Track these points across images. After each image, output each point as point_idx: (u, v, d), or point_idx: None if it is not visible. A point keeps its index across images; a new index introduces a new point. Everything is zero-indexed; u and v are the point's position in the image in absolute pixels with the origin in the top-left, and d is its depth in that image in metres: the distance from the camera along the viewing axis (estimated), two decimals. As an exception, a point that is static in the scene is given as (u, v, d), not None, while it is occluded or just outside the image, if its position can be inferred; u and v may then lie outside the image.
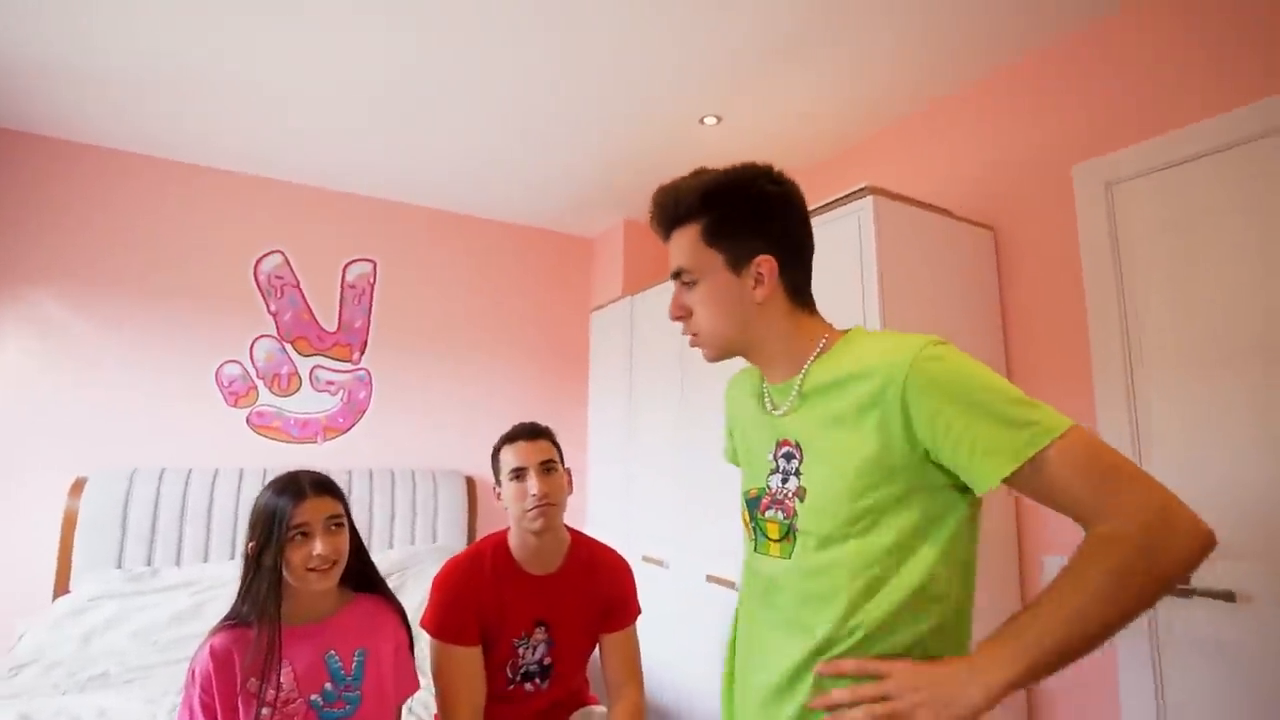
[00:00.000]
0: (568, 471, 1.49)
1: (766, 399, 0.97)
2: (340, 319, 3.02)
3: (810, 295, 0.96)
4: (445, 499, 2.94)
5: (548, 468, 1.43)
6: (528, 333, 3.43)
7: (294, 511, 1.18)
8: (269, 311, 2.89)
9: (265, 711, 1.14)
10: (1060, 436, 0.74)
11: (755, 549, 0.95)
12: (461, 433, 3.19)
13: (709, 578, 2.22)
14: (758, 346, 0.94)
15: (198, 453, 2.68)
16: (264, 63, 2.10)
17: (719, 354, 0.97)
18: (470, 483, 3.08)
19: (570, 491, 1.49)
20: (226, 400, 2.77)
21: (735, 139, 2.51)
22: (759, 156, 1.00)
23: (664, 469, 2.57)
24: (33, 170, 2.55)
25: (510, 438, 1.48)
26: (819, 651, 0.84)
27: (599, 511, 3.11)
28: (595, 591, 1.51)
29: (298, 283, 2.96)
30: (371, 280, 3.11)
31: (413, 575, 2.61)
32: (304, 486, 1.21)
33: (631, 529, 2.77)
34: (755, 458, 0.98)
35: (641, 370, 2.83)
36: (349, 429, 2.97)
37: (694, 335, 0.97)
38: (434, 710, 1.69)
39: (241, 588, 1.19)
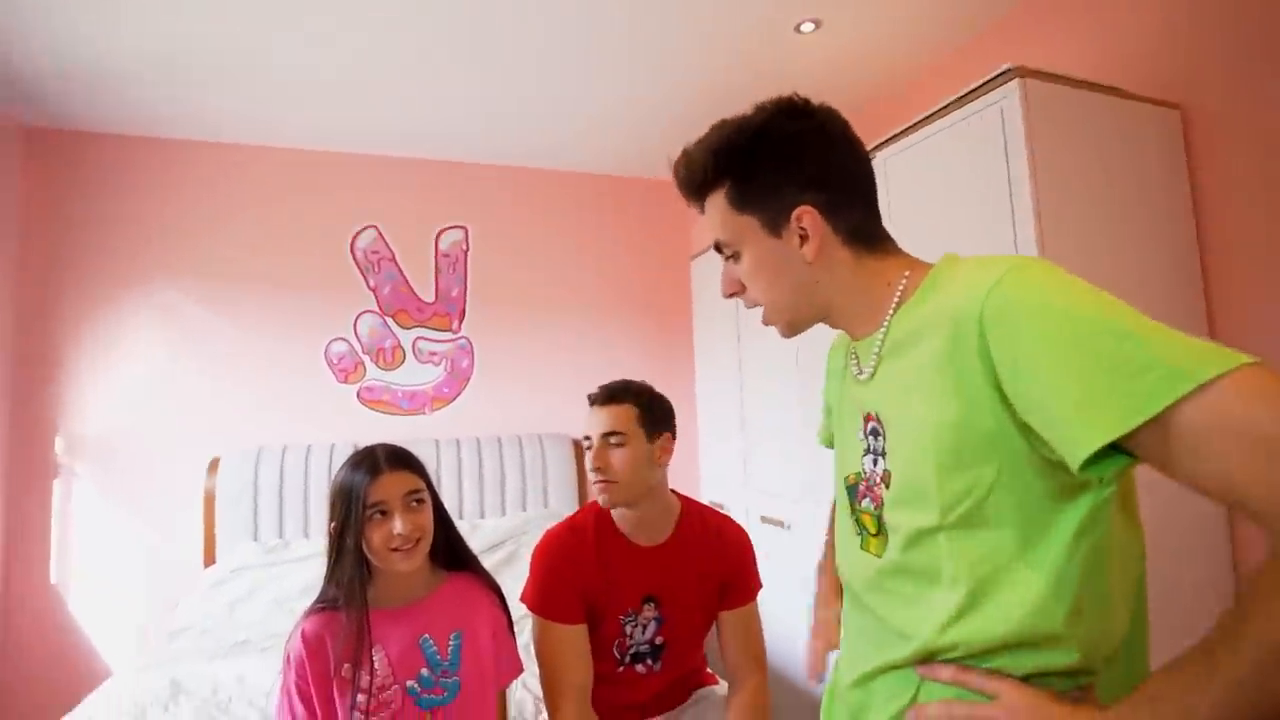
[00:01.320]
0: (661, 438, 1.32)
1: (853, 361, 0.79)
2: (437, 289, 3.00)
3: (878, 232, 0.76)
4: (554, 463, 2.89)
5: (612, 439, 1.27)
6: (626, 286, 3.29)
7: (370, 489, 1.09)
8: (368, 287, 2.91)
9: (361, 699, 1.08)
10: (1209, 383, 0.49)
11: (861, 545, 0.76)
12: (565, 395, 3.11)
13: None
14: (832, 309, 0.77)
15: (315, 429, 2.76)
16: (339, 36, 2.03)
17: (790, 328, 0.80)
18: (577, 445, 3.00)
19: (661, 462, 1.32)
20: (337, 377, 2.83)
21: (837, 46, 2.19)
22: (866, 63, 0.78)
23: (783, 419, 2.36)
24: (148, 171, 2.66)
25: (591, 401, 1.34)
26: (911, 665, 0.67)
27: (710, 468, 2.96)
28: (710, 564, 1.35)
29: (393, 256, 2.95)
30: (464, 247, 3.06)
31: (527, 543, 2.58)
32: (379, 461, 1.13)
33: (748, 487, 2.60)
34: (848, 436, 0.80)
35: (749, 316, 2.61)
36: (455, 398, 2.97)
37: (755, 307, 0.80)
38: (539, 693, 1.62)
39: (328, 570, 1.13)
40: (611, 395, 1.30)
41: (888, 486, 0.70)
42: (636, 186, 3.36)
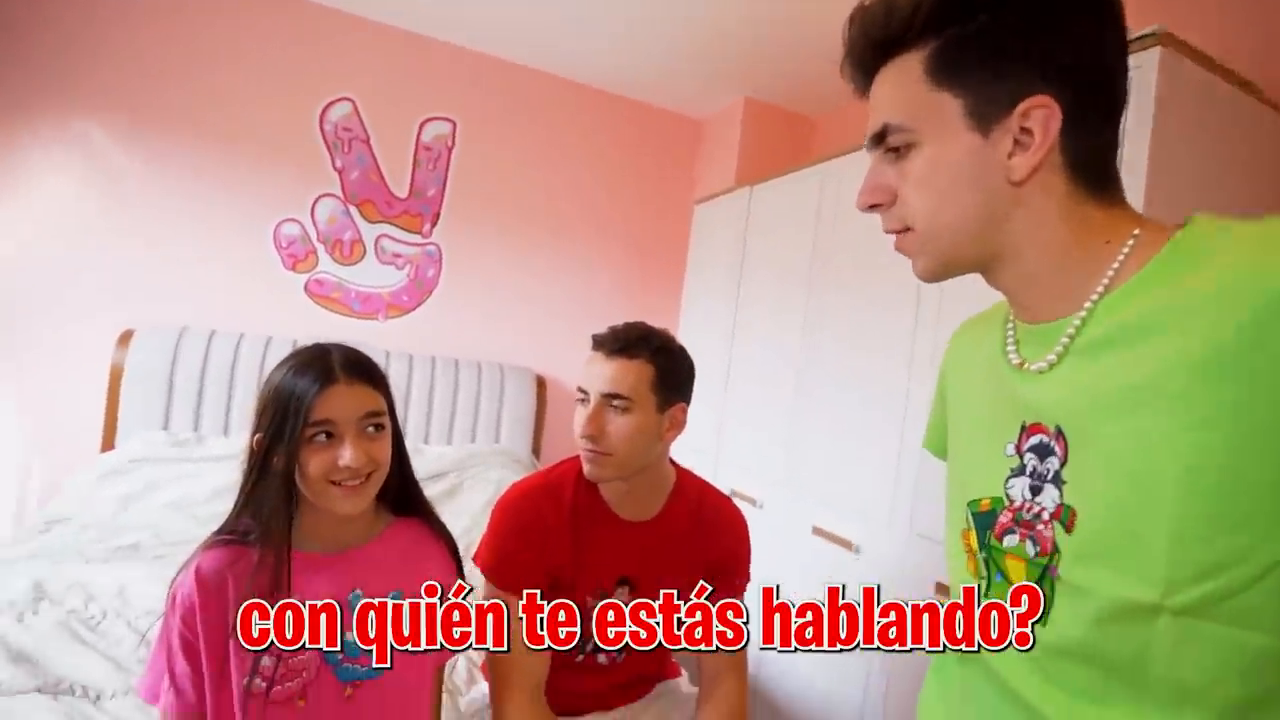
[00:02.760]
0: (674, 408, 1.09)
1: (1011, 347, 0.57)
2: (412, 184, 2.66)
3: (1112, 170, 0.53)
4: (512, 396, 2.65)
5: (615, 403, 1.03)
6: (619, 221, 3.00)
7: (317, 402, 0.83)
8: (334, 167, 2.55)
9: (266, 662, 0.84)
10: None
11: (986, 592, 0.56)
12: (535, 326, 2.85)
13: (817, 530, 1.84)
14: (1008, 257, 0.54)
15: (251, 317, 2.43)
16: None
17: (939, 266, 0.56)
18: (540, 382, 2.76)
19: (669, 437, 1.10)
20: (284, 263, 2.49)
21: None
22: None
23: (771, 392, 2.17)
24: (80, -26, 2.21)
25: (596, 343, 1.08)
26: None
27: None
28: (699, 549, 1.15)
29: (367, 138, 2.59)
30: (449, 143, 2.72)
31: (471, 477, 2.36)
32: (334, 368, 0.85)
33: (721, 457, 2.41)
34: (984, 446, 0.58)
35: (755, 274, 2.38)
36: (414, 309, 2.67)
37: (902, 232, 0.57)
38: (474, 658, 1.42)
39: (241, 494, 0.88)
40: (626, 345, 1.04)
41: (1069, 530, 0.49)
42: (652, 116, 3.05)
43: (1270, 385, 0.40)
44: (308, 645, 0.86)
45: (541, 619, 1.04)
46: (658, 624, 1.13)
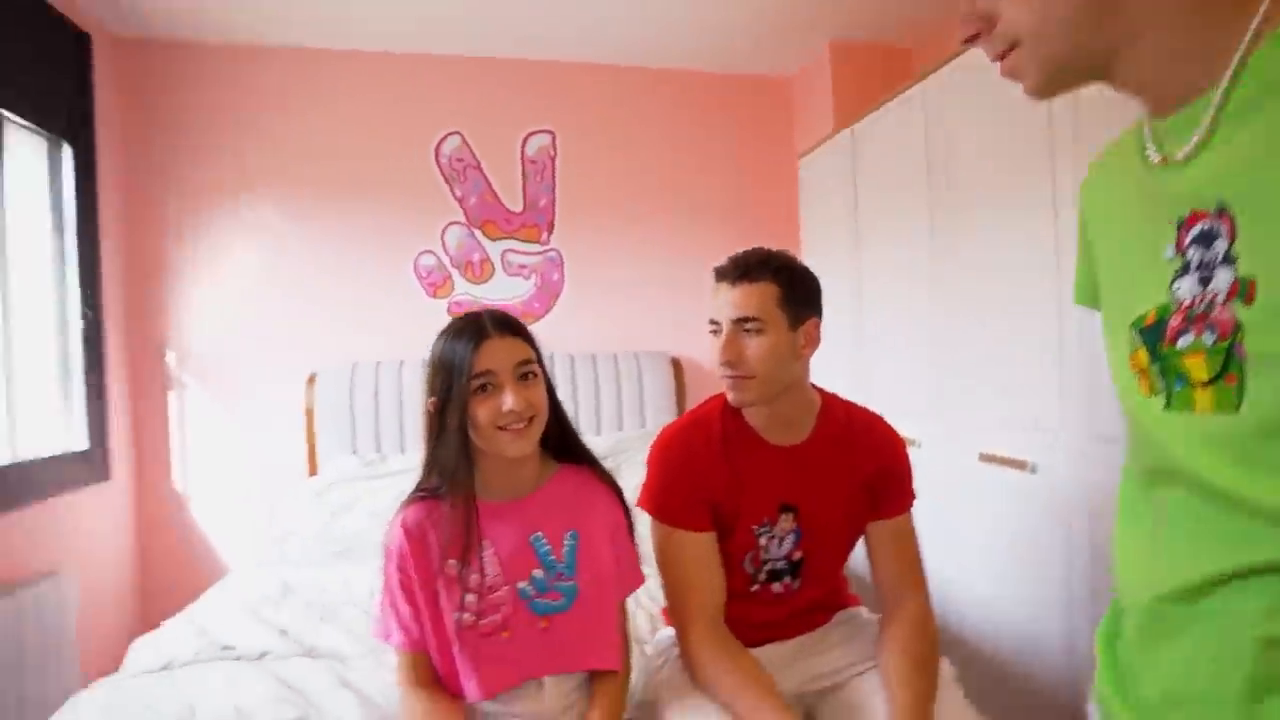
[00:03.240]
0: (807, 324, 1.09)
1: (1150, 149, 0.53)
2: (525, 198, 2.82)
3: None
4: (651, 382, 2.72)
5: (747, 326, 1.04)
6: (726, 192, 3.01)
7: (476, 356, 0.93)
8: (454, 197, 2.77)
9: (470, 599, 0.95)
10: None
11: (1168, 405, 0.51)
12: (662, 310, 2.92)
13: (984, 457, 1.74)
14: (1126, 45, 0.50)
15: (407, 344, 2.68)
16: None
17: (1055, 69, 0.53)
18: (676, 364, 2.82)
19: (805, 352, 1.09)
20: (426, 291, 2.73)
21: None
22: None
23: (909, 329, 2.08)
24: (231, 80, 2.58)
25: (718, 275, 1.11)
26: None
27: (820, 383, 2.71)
28: (857, 467, 1.13)
29: (478, 163, 2.79)
30: (552, 153, 2.86)
31: (624, 462, 2.45)
32: (485, 326, 0.96)
33: (869, 404, 2.33)
34: (1140, 262, 0.55)
35: (871, 211, 2.30)
36: (545, 313, 2.83)
37: (1007, 52, 0.54)
38: (654, 610, 1.48)
39: (426, 454, 1.00)
40: (747, 270, 1.06)
41: (1249, 302, 0.45)
42: (739, 85, 3.03)
43: None
44: (500, 583, 0.95)
45: (711, 550, 1.08)
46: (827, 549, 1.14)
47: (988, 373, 1.75)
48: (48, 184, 2.22)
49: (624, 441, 2.54)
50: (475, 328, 0.96)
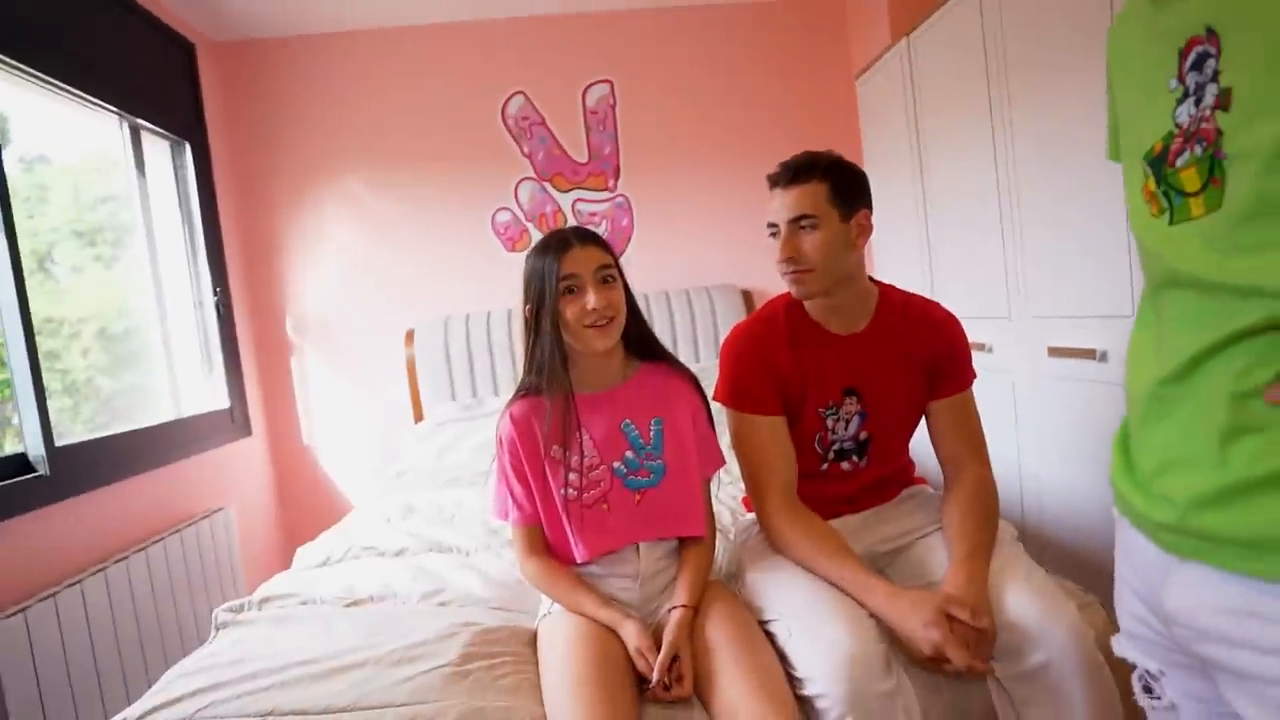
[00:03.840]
0: (857, 215, 1.16)
1: None
2: (589, 147, 2.94)
3: None
4: (723, 314, 2.82)
5: (802, 224, 1.13)
6: (783, 120, 3.01)
7: (561, 262, 1.08)
8: (523, 154, 2.91)
9: (572, 476, 1.11)
10: None
11: (1171, 220, 0.58)
12: (730, 243, 3.00)
13: (1053, 351, 1.76)
14: None
15: (491, 296, 2.89)
16: None
17: None
18: (747, 295, 2.91)
19: (859, 243, 1.17)
20: (505, 246, 2.92)
21: None
22: None
23: (975, 236, 2.09)
24: (314, 68, 2.80)
25: (772, 182, 1.20)
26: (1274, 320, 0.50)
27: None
28: (915, 350, 1.21)
29: (542, 119, 2.92)
30: (611, 101, 2.95)
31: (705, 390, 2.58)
32: (569, 237, 1.11)
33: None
34: (1149, 97, 0.61)
35: (932, 125, 2.28)
36: (619, 257, 2.95)
37: None
38: (741, 496, 1.61)
39: (526, 357, 1.15)
40: (796, 173, 1.15)
41: (1227, 108, 0.52)
42: (784, 10, 3.01)
43: None
44: (597, 463, 1.11)
45: (783, 431, 1.19)
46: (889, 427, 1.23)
47: (1055, 268, 1.75)
48: (174, 182, 2.52)
49: (703, 373, 2.64)
50: (560, 239, 1.11)
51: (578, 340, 1.10)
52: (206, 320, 2.58)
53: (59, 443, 1.70)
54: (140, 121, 2.27)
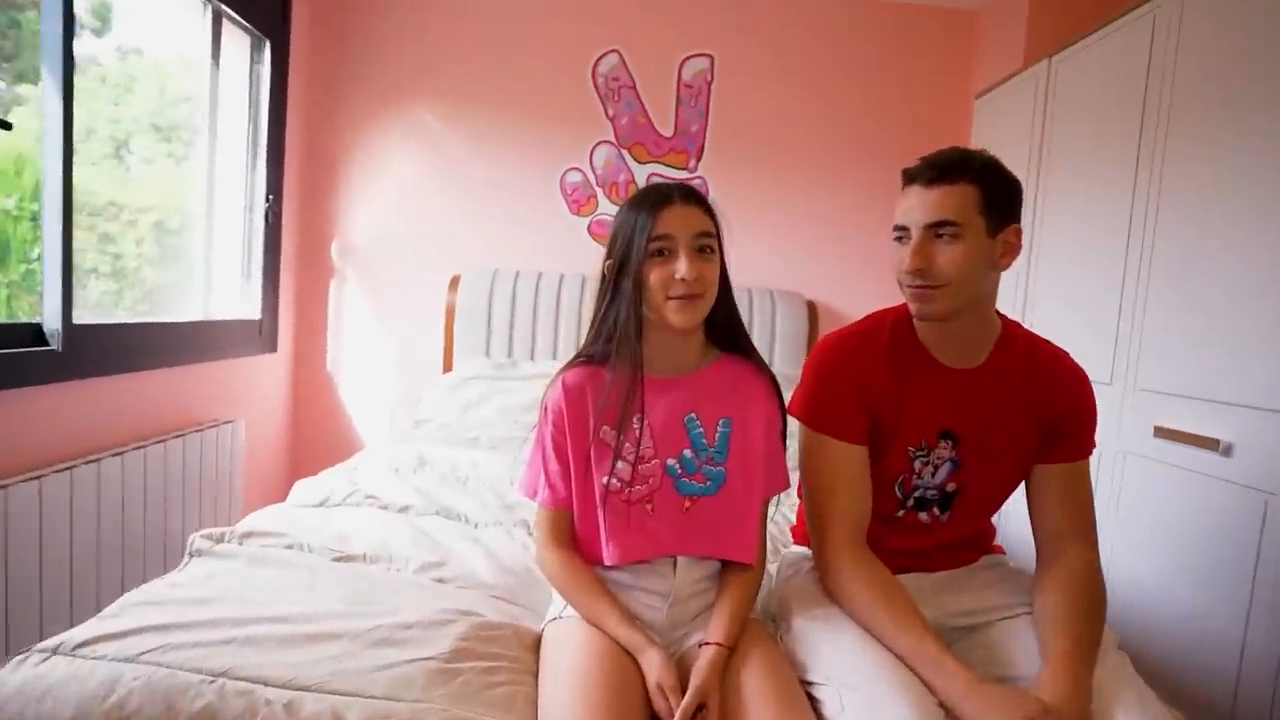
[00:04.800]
0: (1006, 231, 0.98)
1: None
2: (676, 123, 2.77)
3: None
4: (784, 322, 2.64)
5: (942, 232, 0.94)
6: (885, 135, 2.81)
7: (658, 219, 0.91)
8: (606, 116, 2.75)
9: (620, 466, 0.95)
10: None
11: None
12: (804, 250, 2.81)
13: (1161, 431, 1.55)
14: None
15: (546, 257, 2.74)
16: None
17: None
18: (812, 308, 2.72)
19: (1004, 264, 0.99)
20: (570, 208, 2.77)
21: None
22: None
23: (1089, 286, 1.87)
24: (409, -18, 2.67)
25: (907, 177, 1.02)
26: None
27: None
28: (1034, 403, 1.03)
29: (634, 84, 2.75)
30: (709, 78, 2.77)
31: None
32: (671, 193, 0.95)
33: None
34: None
35: (1060, 155, 2.06)
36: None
37: None
38: (787, 524, 1.44)
39: (595, 317, 0.99)
40: (944, 170, 0.96)
41: None
42: (915, 15, 2.79)
43: None
44: (651, 455, 0.95)
45: (863, 464, 1.02)
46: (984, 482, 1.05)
47: (1178, 340, 1.54)
48: (248, 80, 2.41)
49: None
50: (660, 194, 0.95)
51: (656, 310, 0.94)
52: (254, 227, 2.47)
53: (78, 321, 1.60)
54: (224, 7, 2.16)
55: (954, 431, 1.03)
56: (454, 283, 2.70)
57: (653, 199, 0.94)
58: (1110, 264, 1.79)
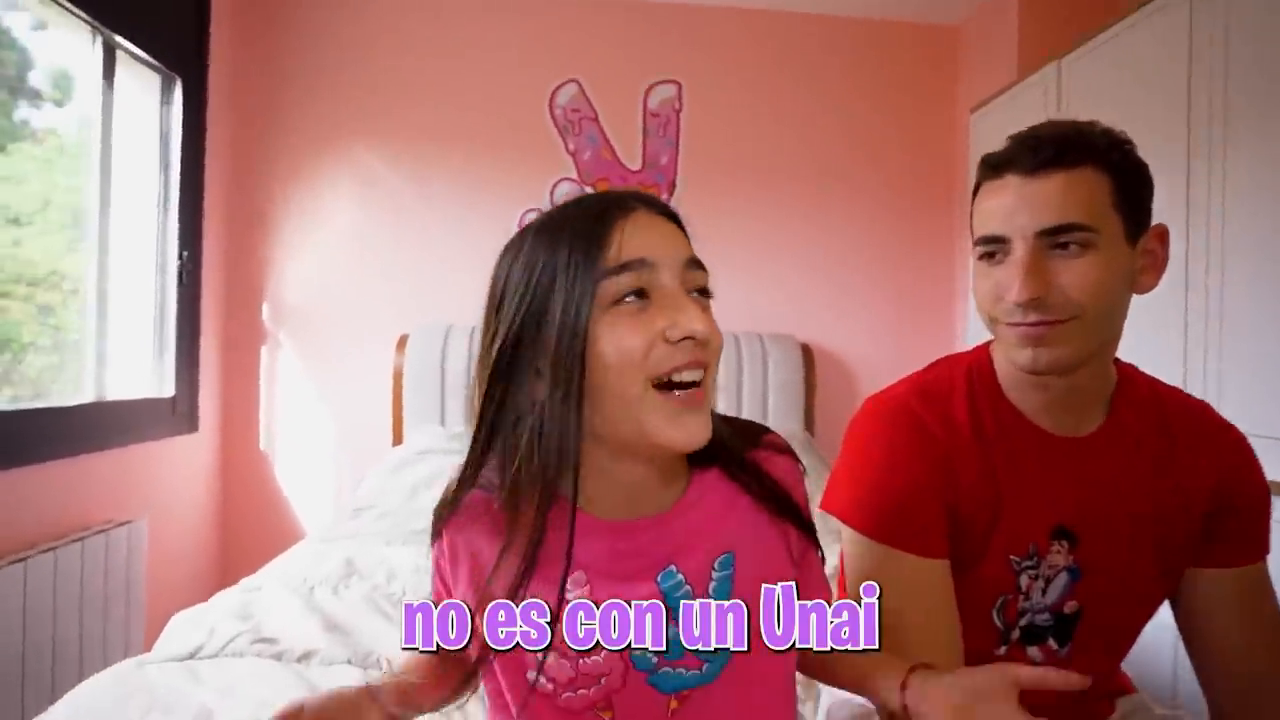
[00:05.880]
0: (1145, 237, 0.68)
1: None
2: (644, 155, 2.51)
3: None
4: (777, 369, 2.34)
5: (1064, 239, 0.63)
6: (870, 159, 2.58)
7: (618, 230, 0.53)
8: (567, 151, 2.49)
9: (551, 660, 0.56)
10: None
11: None
12: (794, 289, 2.54)
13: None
14: None
15: (507, 308, 2.43)
16: None
17: None
18: (807, 351, 2.42)
19: (1145, 284, 0.69)
20: (531, 252, 2.47)
21: None
22: None
23: (1151, 316, 1.60)
24: (344, 23, 2.41)
25: (992, 167, 0.71)
26: None
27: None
28: (1179, 478, 0.72)
29: (595, 115, 2.50)
30: (677, 106, 2.53)
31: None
32: (627, 199, 0.57)
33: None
34: None
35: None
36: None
37: None
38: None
39: (477, 428, 0.57)
40: (1062, 149, 0.64)
41: None
42: (892, 32, 2.60)
43: None
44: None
45: (946, 584, 0.70)
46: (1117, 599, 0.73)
47: (1262, 376, 1.26)
48: (157, 119, 2.10)
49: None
50: (614, 198, 0.58)
51: (625, 418, 0.52)
52: (166, 287, 2.13)
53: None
54: (117, 38, 1.86)
55: (1072, 529, 0.72)
56: (401, 342, 2.37)
57: (599, 206, 0.56)
58: (1167, 285, 1.52)
